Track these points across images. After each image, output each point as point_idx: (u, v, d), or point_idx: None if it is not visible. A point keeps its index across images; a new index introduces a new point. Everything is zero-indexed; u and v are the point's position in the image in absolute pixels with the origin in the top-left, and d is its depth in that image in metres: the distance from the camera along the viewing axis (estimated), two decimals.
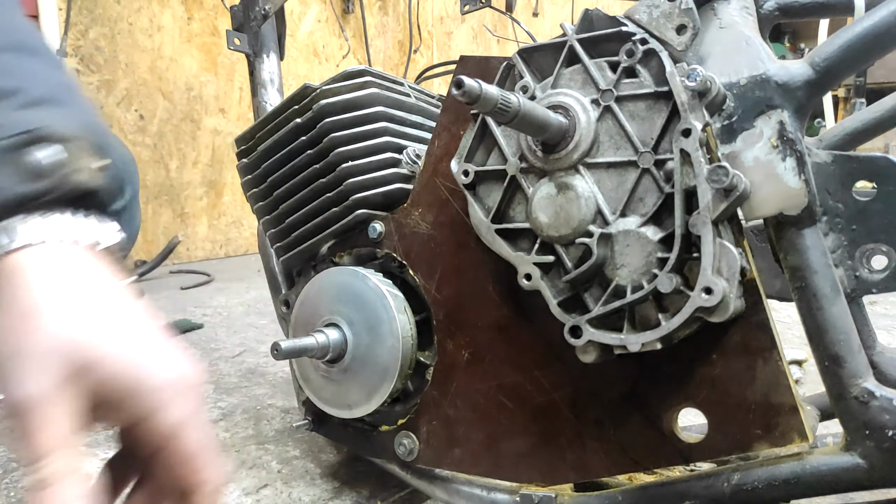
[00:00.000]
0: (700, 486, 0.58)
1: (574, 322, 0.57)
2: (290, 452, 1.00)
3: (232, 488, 0.89)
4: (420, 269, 0.73)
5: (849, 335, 0.53)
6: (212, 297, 2.20)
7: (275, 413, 1.16)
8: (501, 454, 0.68)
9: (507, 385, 0.67)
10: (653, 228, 0.56)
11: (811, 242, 0.54)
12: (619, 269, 0.56)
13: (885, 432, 0.51)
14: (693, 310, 0.52)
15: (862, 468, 0.52)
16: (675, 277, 0.53)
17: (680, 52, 0.57)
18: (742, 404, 0.55)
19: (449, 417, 0.71)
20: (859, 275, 0.56)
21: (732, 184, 0.51)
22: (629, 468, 0.61)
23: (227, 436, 1.07)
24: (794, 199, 0.53)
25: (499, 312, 0.67)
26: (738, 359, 0.56)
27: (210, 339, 1.68)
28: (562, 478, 0.65)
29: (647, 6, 0.58)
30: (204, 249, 3.22)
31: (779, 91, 0.54)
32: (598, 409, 0.62)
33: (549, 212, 0.58)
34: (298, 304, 0.78)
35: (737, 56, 0.55)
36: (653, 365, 0.59)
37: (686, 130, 0.53)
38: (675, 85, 0.53)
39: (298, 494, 0.87)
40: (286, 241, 0.84)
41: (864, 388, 0.52)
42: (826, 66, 0.54)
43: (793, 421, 0.53)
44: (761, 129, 0.54)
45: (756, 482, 0.55)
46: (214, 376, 1.37)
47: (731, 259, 0.52)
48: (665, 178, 0.55)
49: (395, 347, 0.70)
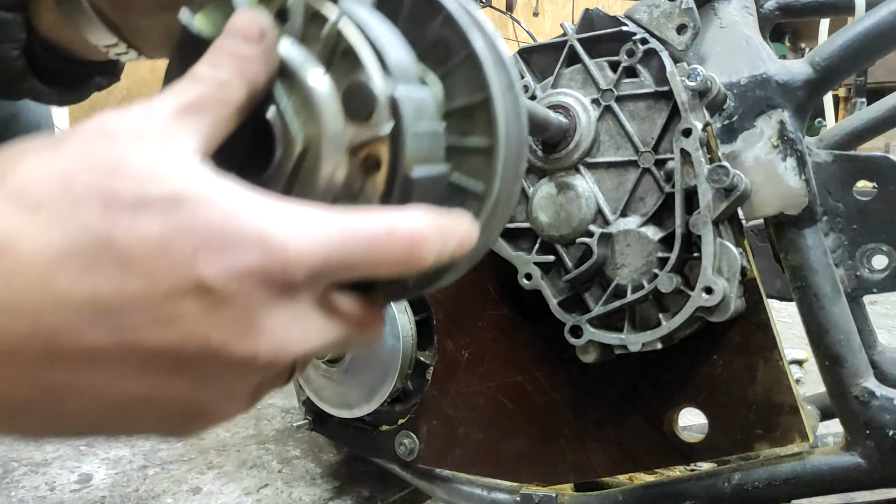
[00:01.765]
0: (700, 486, 0.58)
1: (574, 322, 0.57)
2: (291, 452, 1.00)
3: (232, 488, 0.89)
4: None
5: (849, 335, 0.53)
6: None
7: (275, 413, 1.16)
8: (502, 454, 0.68)
9: (507, 385, 0.67)
10: (653, 228, 0.56)
11: (812, 242, 0.54)
12: (619, 269, 0.56)
13: (885, 432, 0.51)
14: (693, 309, 0.52)
15: (862, 468, 0.52)
16: (676, 277, 0.53)
17: (680, 51, 0.57)
18: (742, 404, 0.55)
19: (449, 417, 0.71)
20: (860, 274, 0.56)
21: (733, 183, 0.51)
22: (629, 468, 0.61)
23: (228, 435, 1.07)
24: (794, 198, 0.53)
25: (499, 312, 0.67)
26: (739, 359, 0.56)
27: None
28: (562, 478, 0.65)
29: (648, 6, 0.58)
30: None
31: (779, 91, 0.54)
32: (599, 409, 0.62)
33: (550, 211, 0.58)
34: None
35: (737, 56, 0.55)
36: (653, 365, 0.59)
37: (686, 130, 0.53)
38: (676, 84, 0.53)
39: (299, 494, 0.87)
40: None
41: (864, 387, 0.52)
42: (826, 65, 0.54)
43: (793, 421, 0.53)
44: (762, 128, 0.54)
45: (756, 482, 0.55)
46: None
47: (731, 259, 0.52)
48: (665, 178, 0.55)
49: (396, 347, 0.70)
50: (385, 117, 0.29)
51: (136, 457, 1.00)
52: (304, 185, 0.30)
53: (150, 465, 0.97)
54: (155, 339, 0.24)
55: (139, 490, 0.90)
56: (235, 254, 0.24)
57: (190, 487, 0.90)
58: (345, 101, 0.30)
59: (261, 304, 0.25)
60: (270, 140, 0.31)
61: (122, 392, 0.25)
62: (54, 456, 1.00)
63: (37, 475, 0.94)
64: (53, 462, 0.98)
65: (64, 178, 0.24)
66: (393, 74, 0.30)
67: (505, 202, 0.34)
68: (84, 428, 0.27)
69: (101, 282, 0.23)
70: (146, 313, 0.24)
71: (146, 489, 0.90)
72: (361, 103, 0.30)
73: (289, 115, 0.30)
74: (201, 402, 0.27)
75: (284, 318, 0.26)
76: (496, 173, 0.32)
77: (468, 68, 0.32)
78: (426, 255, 0.28)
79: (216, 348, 0.25)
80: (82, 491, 0.90)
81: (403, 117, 0.29)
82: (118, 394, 0.25)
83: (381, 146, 0.30)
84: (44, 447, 1.03)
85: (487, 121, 0.32)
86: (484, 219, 0.33)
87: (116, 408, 0.26)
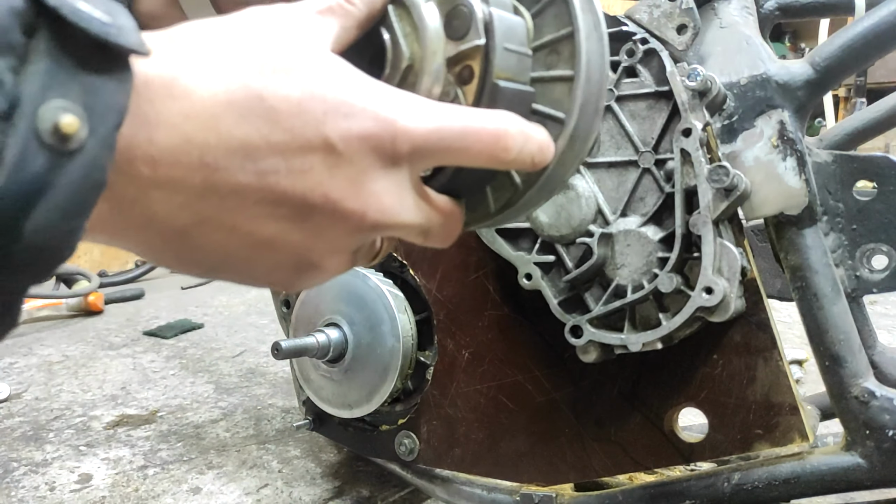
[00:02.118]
0: (700, 486, 0.58)
1: (575, 322, 0.57)
2: (291, 452, 1.00)
3: (232, 488, 0.89)
4: (421, 269, 0.73)
5: (849, 335, 0.53)
6: (212, 297, 2.20)
7: (275, 413, 1.16)
8: (502, 454, 0.68)
9: (508, 385, 0.67)
10: (653, 228, 0.56)
11: (812, 242, 0.54)
12: (619, 269, 0.56)
13: (885, 432, 0.51)
14: (694, 309, 0.52)
15: (862, 468, 0.52)
16: (676, 277, 0.53)
17: (680, 51, 0.57)
18: (743, 404, 0.55)
19: (449, 417, 0.71)
20: (860, 274, 0.56)
21: (733, 183, 0.51)
22: (629, 468, 0.61)
23: (228, 435, 1.07)
24: (794, 198, 0.53)
25: (499, 312, 0.67)
26: (739, 358, 0.56)
27: (210, 338, 1.68)
28: (562, 478, 0.65)
29: (648, 6, 0.58)
30: None
31: (779, 91, 0.54)
32: (599, 409, 0.62)
33: (550, 211, 0.58)
34: (299, 304, 0.78)
35: (737, 56, 0.55)
36: (653, 364, 0.59)
37: (686, 130, 0.53)
38: (676, 84, 0.54)
39: (299, 494, 0.87)
40: None
41: (864, 387, 0.52)
42: (826, 65, 0.54)
43: (793, 421, 0.53)
44: (762, 128, 0.54)
45: (756, 482, 0.55)
46: (214, 376, 1.37)
47: (731, 259, 0.52)
48: (665, 178, 0.55)
49: (396, 347, 0.70)
50: (480, 34, 0.34)
51: (136, 457, 1.00)
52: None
53: (150, 465, 0.97)
54: (286, 186, 0.29)
55: (139, 490, 0.90)
56: (356, 120, 0.29)
57: (190, 487, 0.90)
58: (446, 23, 0.35)
59: (372, 168, 0.30)
60: (381, 56, 0.36)
61: (253, 231, 0.30)
62: (54, 456, 1.01)
63: (37, 475, 0.94)
64: (53, 462, 0.98)
65: (230, 43, 0.29)
66: (490, 2, 0.35)
67: (583, 138, 0.37)
68: (214, 262, 0.31)
69: (252, 130, 0.28)
70: (283, 163, 0.28)
71: (146, 489, 0.90)
72: (460, 23, 0.35)
73: (398, 34, 0.36)
74: (313, 253, 0.32)
75: (389, 187, 0.31)
76: (576, 101, 0.36)
77: (558, 5, 0.37)
78: (509, 147, 0.33)
79: (333, 202, 0.30)
80: (82, 491, 0.90)
81: (495, 33, 0.35)
82: (250, 232, 0.30)
83: (475, 59, 0.35)
84: (44, 447, 1.04)
85: (572, 53, 0.36)
86: (562, 146, 0.37)
87: (246, 246, 0.30)
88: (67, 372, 1.42)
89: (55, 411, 1.19)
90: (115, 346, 1.63)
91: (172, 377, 1.37)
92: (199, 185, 0.27)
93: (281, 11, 0.31)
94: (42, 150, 0.22)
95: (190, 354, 1.54)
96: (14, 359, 1.53)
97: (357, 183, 0.30)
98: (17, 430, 1.11)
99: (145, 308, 2.08)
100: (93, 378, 1.38)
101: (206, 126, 0.27)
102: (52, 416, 1.17)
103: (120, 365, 1.46)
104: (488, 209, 0.39)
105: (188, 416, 1.16)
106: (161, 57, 0.26)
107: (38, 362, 1.50)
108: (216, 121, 0.27)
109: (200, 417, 1.15)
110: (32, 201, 0.22)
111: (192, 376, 1.38)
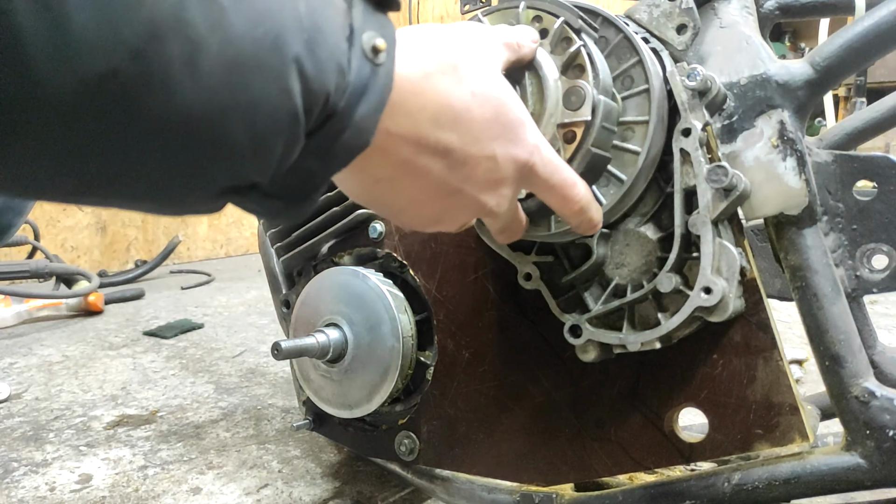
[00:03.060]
0: (700, 486, 0.58)
1: (574, 321, 0.57)
2: (291, 452, 1.00)
3: (232, 488, 0.89)
4: (421, 269, 0.73)
5: (849, 335, 0.53)
6: (212, 297, 2.21)
7: (275, 413, 1.16)
8: (502, 454, 0.68)
9: (508, 385, 0.67)
10: (652, 228, 0.55)
11: (812, 242, 0.54)
12: (618, 269, 0.56)
13: (885, 432, 0.51)
14: (692, 309, 0.52)
15: (862, 468, 0.52)
16: (675, 277, 0.53)
17: (680, 51, 0.57)
18: (743, 404, 0.55)
19: (449, 417, 0.71)
20: (860, 274, 0.56)
21: (732, 183, 0.51)
22: (629, 468, 0.61)
23: (228, 436, 1.07)
24: (794, 198, 0.53)
25: (499, 312, 0.67)
26: (739, 358, 0.55)
27: (210, 338, 1.68)
28: (562, 478, 0.65)
29: (648, 5, 0.58)
30: (204, 249, 3.22)
31: (779, 91, 0.54)
32: (599, 409, 0.62)
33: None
34: (299, 304, 0.78)
35: (737, 56, 0.55)
36: (653, 364, 0.59)
37: (686, 130, 0.53)
38: (676, 84, 0.53)
39: (299, 494, 0.87)
40: (287, 241, 0.83)
41: (864, 387, 0.52)
42: (826, 65, 0.54)
43: (793, 420, 0.53)
44: (762, 128, 0.54)
45: (756, 482, 0.55)
46: (215, 376, 1.37)
47: (730, 259, 0.52)
48: (665, 178, 0.55)
49: (396, 347, 0.70)
50: (588, 112, 0.47)
51: (136, 457, 1.00)
52: None
53: (150, 465, 0.97)
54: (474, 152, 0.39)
55: (139, 490, 0.90)
56: (516, 148, 0.41)
57: (190, 487, 0.90)
58: (565, 96, 0.48)
59: (513, 182, 0.43)
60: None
61: (443, 181, 0.40)
62: (54, 456, 1.01)
63: (37, 475, 0.94)
64: (53, 462, 0.98)
65: (436, 47, 0.38)
66: (599, 87, 0.48)
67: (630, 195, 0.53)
68: (406, 204, 0.41)
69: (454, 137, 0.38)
70: (462, 156, 0.39)
71: (146, 489, 0.90)
72: (577, 99, 0.48)
73: (528, 92, 0.49)
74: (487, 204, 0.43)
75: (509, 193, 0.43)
76: (636, 171, 0.51)
77: (642, 98, 0.52)
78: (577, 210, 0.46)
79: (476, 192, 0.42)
80: (82, 491, 0.90)
81: (598, 114, 0.48)
82: (440, 182, 0.40)
83: (580, 128, 0.48)
84: (44, 447, 1.04)
85: (643, 136, 0.52)
86: (611, 205, 0.52)
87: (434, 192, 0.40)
88: (67, 372, 1.42)
89: (55, 411, 1.19)
90: (115, 346, 1.63)
91: (172, 377, 1.37)
92: (411, 143, 0.37)
93: (478, 33, 0.43)
94: (366, 62, 0.32)
95: (190, 354, 1.54)
96: (14, 359, 1.53)
97: (495, 183, 0.42)
98: (17, 430, 1.11)
99: (145, 308, 2.08)
100: (93, 378, 1.38)
101: (414, 92, 0.36)
102: (52, 417, 1.17)
103: (120, 365, 1.47)
104: (548, 230, 0.54)
105: (188, 416, 1.16)
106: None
107: (38, 362, 1.50)
108: (420, 92, 0.36)
109: (200, 417, 1.15)
110: (361, 97, 0.32)
111: (192, 376, 1.38)
